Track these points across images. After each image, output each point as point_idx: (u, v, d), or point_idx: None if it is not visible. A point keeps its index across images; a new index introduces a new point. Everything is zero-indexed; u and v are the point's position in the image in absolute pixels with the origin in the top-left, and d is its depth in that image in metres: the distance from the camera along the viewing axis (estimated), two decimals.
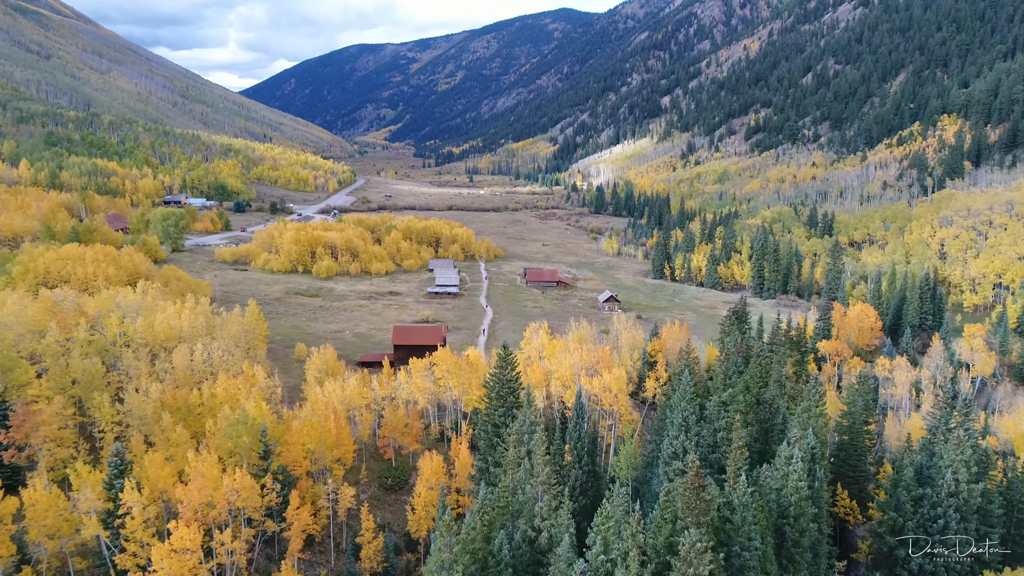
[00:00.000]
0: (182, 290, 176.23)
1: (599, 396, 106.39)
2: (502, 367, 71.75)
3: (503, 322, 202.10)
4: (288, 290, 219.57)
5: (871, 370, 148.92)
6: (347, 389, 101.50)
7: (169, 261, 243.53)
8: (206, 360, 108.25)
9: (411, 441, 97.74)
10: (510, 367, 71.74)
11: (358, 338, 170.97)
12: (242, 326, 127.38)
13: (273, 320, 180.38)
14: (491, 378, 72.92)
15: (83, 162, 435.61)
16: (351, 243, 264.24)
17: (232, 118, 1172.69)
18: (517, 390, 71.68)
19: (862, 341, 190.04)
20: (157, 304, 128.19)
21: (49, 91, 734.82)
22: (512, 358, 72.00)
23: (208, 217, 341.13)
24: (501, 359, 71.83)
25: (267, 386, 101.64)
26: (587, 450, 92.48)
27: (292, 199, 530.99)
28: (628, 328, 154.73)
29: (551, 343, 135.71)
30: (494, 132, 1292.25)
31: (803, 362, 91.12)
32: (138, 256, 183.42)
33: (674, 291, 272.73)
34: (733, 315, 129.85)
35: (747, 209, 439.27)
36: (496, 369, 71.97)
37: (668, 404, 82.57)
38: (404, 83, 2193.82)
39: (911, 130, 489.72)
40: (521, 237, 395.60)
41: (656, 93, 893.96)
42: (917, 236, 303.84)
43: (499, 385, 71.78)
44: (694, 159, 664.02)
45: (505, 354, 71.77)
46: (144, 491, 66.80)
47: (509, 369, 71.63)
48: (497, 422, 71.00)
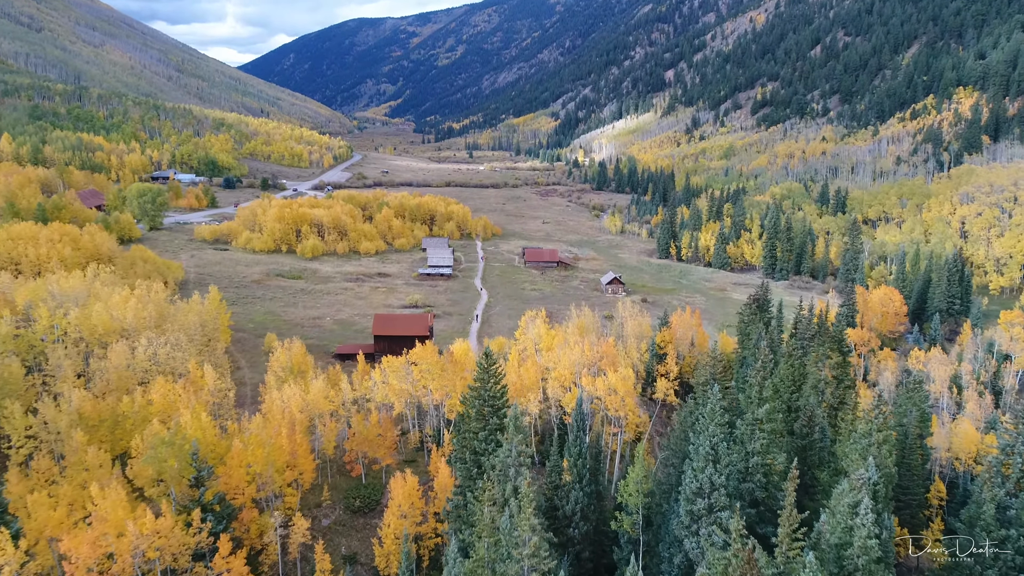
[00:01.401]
0: (148, 273, 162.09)
1: (603, 399, 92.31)
2: (484, 379, 57.31)
3: (498, 306, 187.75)
4: (269, 271, 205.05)
5: (904, 362, 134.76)
6: (312, 392, 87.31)
7: (144, 240, 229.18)
8: (151, 358, 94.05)
9: (384, 454, 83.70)
10: (494, 379, 57.29)
11: (339, 326, 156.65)
12: (200, 316, 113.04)
13: (248, 305, 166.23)
14: (471, 393, 58.51)
15: (67, 136, 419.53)
16: (339, 221, 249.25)
17: (229, 93, 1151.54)
18: (502, 408, 57.26)
19: (885, 327, 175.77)
20: (108, 292, 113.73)
21: (38, 64, 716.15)
22: (496, 368, 57.46)
23: (193, 193, 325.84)
24: (483, 369, 57.37)
25: (217, 389, 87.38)
26: (589, 467, 78.64)
27: (285, 175, 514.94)
28: (634, 315, 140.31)
29: (549, 333, 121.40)
30: (495, 107, 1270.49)
31: (845, 364, 76.64)
32: (101, 235, 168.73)
33: (681, 272, 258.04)
34: (753, 303, 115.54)
35: (754, 185, 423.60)
36: (476, 382, 57.52)
37: (689, 421, 68.27)
38: (404, 58, 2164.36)
39: (925, 103, 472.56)
40: (520, 214, 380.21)
41: (660, 67, 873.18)
42: (936, 213, 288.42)
43: (480, 402, 57.37)
44: (699, 134, 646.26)
45: (487, 363, 57.25)
46: (25, 541, 52.72)
47: (492, 382, 57.21)
48: (477, 448, 56.70)
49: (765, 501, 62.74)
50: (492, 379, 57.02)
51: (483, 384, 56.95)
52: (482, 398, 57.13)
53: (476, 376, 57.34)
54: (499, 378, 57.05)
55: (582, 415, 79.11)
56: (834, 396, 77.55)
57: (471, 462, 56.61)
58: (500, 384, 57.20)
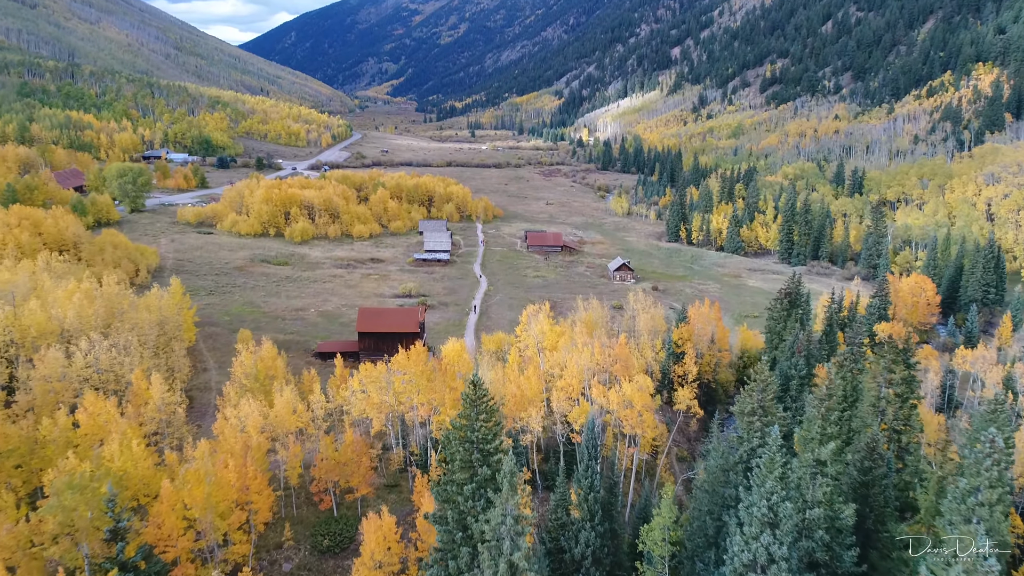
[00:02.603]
0: (117, 260, 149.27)
1: (617, 413, 79.28)
2: (471, 416, 43.95)
3: (499, 295, 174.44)
4: (254, 257, 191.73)
5: (946, 361, 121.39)
6: (277, 406, 74.19)
7: (124, 223, 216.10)
8: (92, 365, 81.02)
9: (360, 482, 70.77)
10: (484, 415, 44.01)
11: (324, 318, 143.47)
12: (160, 312, 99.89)
13: (225, 295, 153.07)
14: (454, 433, 45.22)
15: (55, 114, 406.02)
16: (331, 202, 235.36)
17: (228, 71, 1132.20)
18: (495, 455, 44.09)
19: (916, 318, 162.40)
20: (55, 285, 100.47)
21: (30, 41, 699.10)
22: (486, 401, 44.20)
23: (181, 173, 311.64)
24: (469, 402, 44.05)
25: (166, 403, 74.31)
26: (602, 501, 65.85)
27: (282, 154, 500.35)
28: (647, 307, 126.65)
29: (553, 330, 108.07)
30: (497, 86, 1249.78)
31: (911, 379, 63.45)
32: (67, 219, 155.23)
33: (692, 257, 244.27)
34: (785, 297, 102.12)
35: (765, 165, 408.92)
36: (462, 419, 44.26)
37: (730, 459, 54.98)
38: (406, 36, 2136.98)
39: (942, 80, 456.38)
40: (523, 195, 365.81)
41: (666, 44, 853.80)
42: (960, 195, 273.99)
43: (466, 446, 44.07)
44: (706, 113, 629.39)
45: (475, 394, 43.93)
46: None
47: (483, 420, 43.98)
48: (463, 506, 43.58)
49: (828, 564, 49.88)
50: (482, 415, 43.80)
51: (470, 422, 43.74)
52: (469, 440, 43.91)
53: (461, 412, 44.15)
54: (491, 413, 43.82)
55: (594, 439, 66.14)
56: (897, 418, 64.36)
57: (454, 523, 43.51)
58: (492, 421, 43.97)
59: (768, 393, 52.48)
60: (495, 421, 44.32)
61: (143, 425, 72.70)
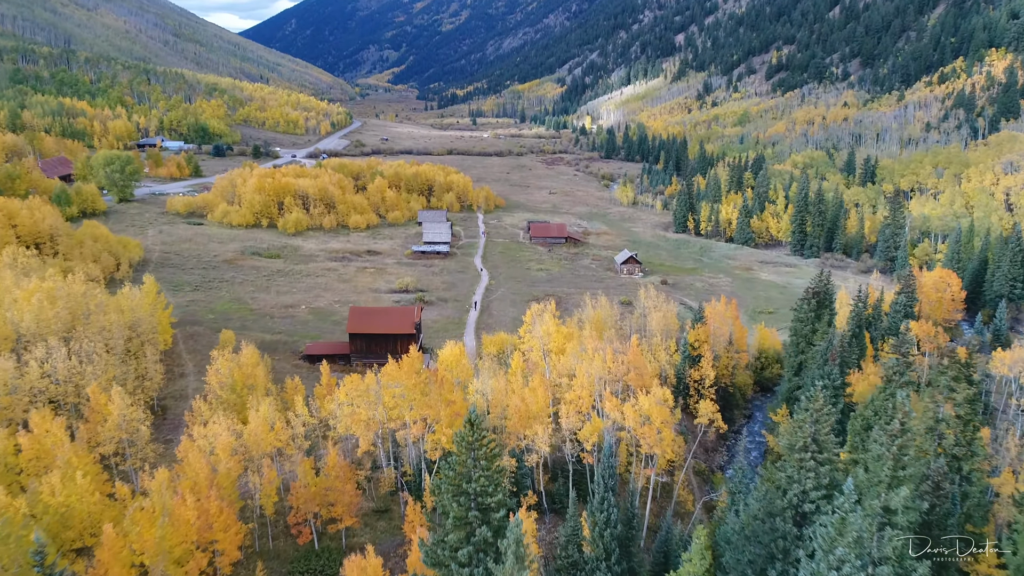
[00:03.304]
0: (97, 254, 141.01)
1: (634, 430, 70.99)
2: (468, 462, 35.70)
3: (501, 290, 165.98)
4: (244, 249, 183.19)
5: (985, 364, 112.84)
6: (253, 423, 65.85)
7: (111, 214, 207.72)
8: (48, 374, 72.77)
9: (344, 512, 62.56)
10: (484, 462, 35.71)
11: (315, 316, 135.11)
12: (134, 313, 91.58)
13: (212, 291, 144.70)
14: (447, 484, 36.83)
15: (47, 101, 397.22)
16: (326, 192, 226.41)
17: (227, 59, 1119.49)
18: (497, 510, 35.73)
19: (940, 315, 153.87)
20: (14, 284, 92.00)
21: (25, 27, 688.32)
22: (486, 445, 35.83)
23: (175, 162, 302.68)
24: (465, 445, 35.69)
25: (128, 420, 66.00)
26: (620, 536, 57.84)
27: (280, 142, 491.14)
28: (658, 305, 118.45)
29: (560, 331, 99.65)
30: (499, 73, 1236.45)
31: (975, 399, 55.20)
32: (44, 210, 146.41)
33: (701, 248, 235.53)
34: (812, 297, 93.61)
35: (772, 153, 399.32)
36: (459, 466, 35.91)
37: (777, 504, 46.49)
38: (407, 23, 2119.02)
39: (953, 66, 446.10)
40: (525, 184, 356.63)
41: (669, 30, 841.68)
42: (976, 184, 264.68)
43: (461, 500, 35.78)
44: (711, 100, 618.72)
45: (474, 437, 35.56)
46: None
47: (482, 467, 35.68)
48: (457, 573, 35.24)
49: None
50: (481, 461, 35.46)
51: (466, 470, 35.39)
52: (465, 493, 35.54)
53: (455, 456, 35.85)
54: (492, 459, 35.48)
55: (611, 467, 58.04)
56: (959, 443, 56.07)
57: None
58: (494, 467, 35.64)
59: (823, 425, 44.00)
60: (496, 466, 35.98)
61: (100, 446, 64.55)
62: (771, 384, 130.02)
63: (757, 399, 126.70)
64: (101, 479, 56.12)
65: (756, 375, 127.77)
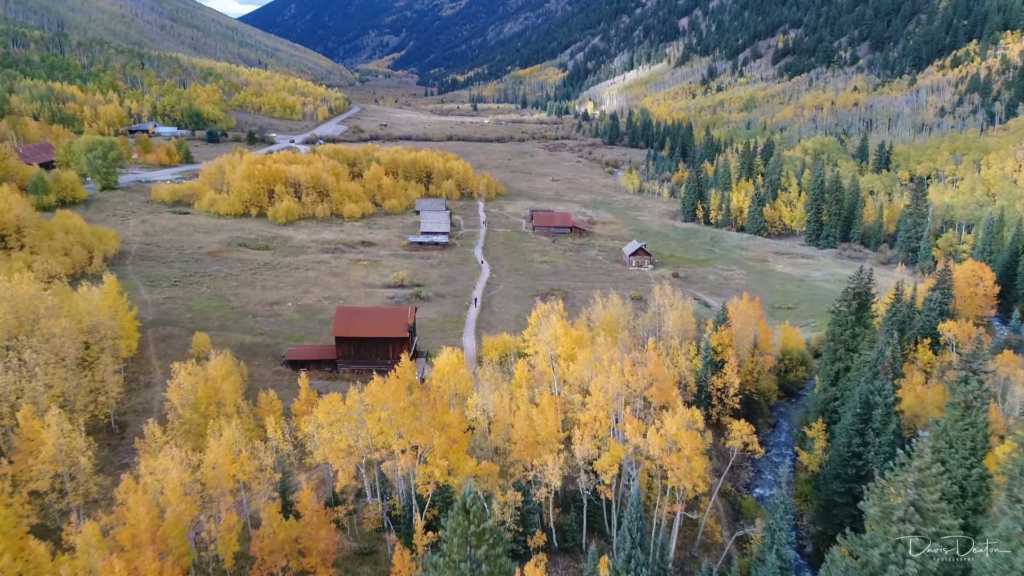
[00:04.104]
0: (68, 246, 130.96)
1: (660, 460, 60.94)
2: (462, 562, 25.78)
3: (502, 284, 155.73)
4: (231, 240, 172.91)
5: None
6: (212, 453, 55.77)
7: (92, 202, 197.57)
8: None
9: (318, 563, 52.66)
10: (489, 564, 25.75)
11: (302, 314, 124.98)
12: (92, 317, 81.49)
13: (192, 287, 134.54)
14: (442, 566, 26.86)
15: (36, 85, 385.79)
16: (319, 179, 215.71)
17: (225, 44, 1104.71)
18: None
19: (972, 311, 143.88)
20: None
21: (18, 10, 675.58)
22: (490, 535, 25.96)
23: (164, 148, 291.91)
24: (460, 538, 25.77)
25: (67, 451, 56.04)
26: None
27: (276, 128, 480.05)
28: (675, 303, 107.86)
29: (568, 334, 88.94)
30: (500, 59, 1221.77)
31: None
32: (12, 199, 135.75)
33: (712, 238, 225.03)
34: (853, 298, 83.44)
35: (781, 139, 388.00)
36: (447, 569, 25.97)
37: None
38: (407, 8, 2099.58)
39: (967, 49, 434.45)
40: (527, 171, 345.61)
41: (673, 14, 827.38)
42: (997, 171, 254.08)
43: None
44: (715, 85, 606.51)
45: (470, 527, 25.55)
46: None
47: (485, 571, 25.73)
48: None
49: None
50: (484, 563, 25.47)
51: (460, 573, 25.44)
52: None
53: (447, 554, 25.97)
54: (496, 560, 25.50)
55: (639, 518, 48.16)
56: None
57: None
58: (497, 565, 25.68)
59: (931, 490, 33.71)
60: (501, 565, 25.95)
61: (31, 482, 54.62)
62: (795, 388, 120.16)
63: (781, 404, 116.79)
64: (19, 532, 46.08)
65: (780, 378, 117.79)
